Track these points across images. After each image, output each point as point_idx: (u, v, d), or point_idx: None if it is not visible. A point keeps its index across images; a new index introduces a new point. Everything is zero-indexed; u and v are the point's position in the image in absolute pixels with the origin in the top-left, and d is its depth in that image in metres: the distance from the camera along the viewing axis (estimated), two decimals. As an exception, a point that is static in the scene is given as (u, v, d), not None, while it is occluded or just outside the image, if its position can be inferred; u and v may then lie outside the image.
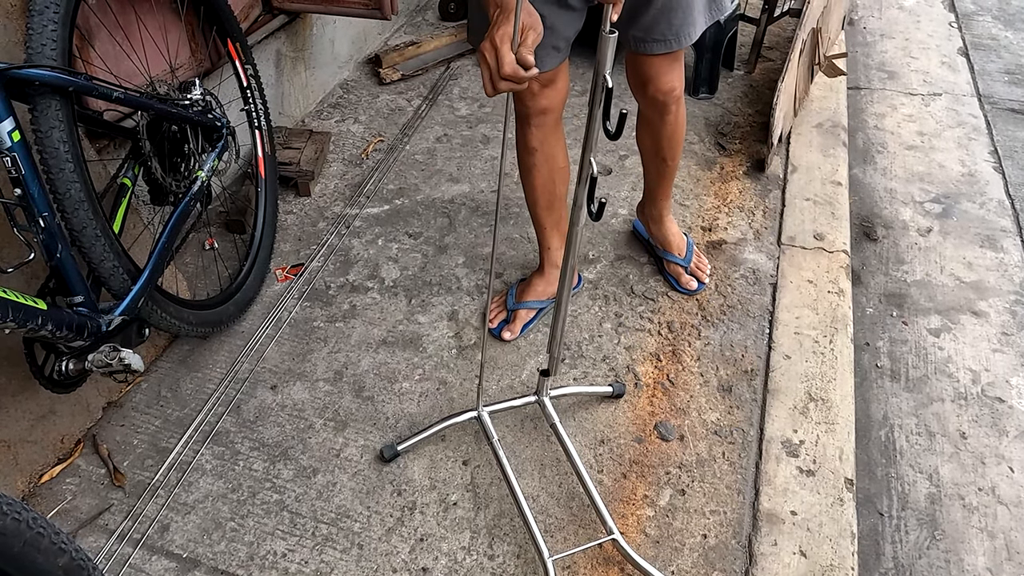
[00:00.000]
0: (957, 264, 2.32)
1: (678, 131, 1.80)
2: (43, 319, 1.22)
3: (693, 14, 1.54)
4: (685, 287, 2.00)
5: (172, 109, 1.61)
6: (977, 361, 2.01)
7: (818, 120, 2.71)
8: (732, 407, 1.73)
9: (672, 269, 2.02)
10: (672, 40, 1.55)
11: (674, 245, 2.02)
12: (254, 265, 1.96)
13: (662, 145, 1.82)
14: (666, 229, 2.02)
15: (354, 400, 1.73)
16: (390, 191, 2.35)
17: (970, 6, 3.95)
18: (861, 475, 1.74)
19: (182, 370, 1.78)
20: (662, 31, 1.54)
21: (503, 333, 1.86)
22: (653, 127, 1.79)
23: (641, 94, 1.72)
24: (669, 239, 2.02)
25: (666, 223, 2.02)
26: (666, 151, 1.83)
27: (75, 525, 1.47)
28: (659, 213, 2.01)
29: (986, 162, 2.76)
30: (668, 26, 1.53)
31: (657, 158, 1.87)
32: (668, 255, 2.03)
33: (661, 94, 1.67)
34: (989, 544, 1.62)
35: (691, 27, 1.55)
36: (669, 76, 1.65)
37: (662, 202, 1.99)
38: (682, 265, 2.00)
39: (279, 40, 2.44)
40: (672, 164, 1.88)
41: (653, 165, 1.90)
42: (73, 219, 1.32)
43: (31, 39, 1.30)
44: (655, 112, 1.74)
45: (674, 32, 1.54)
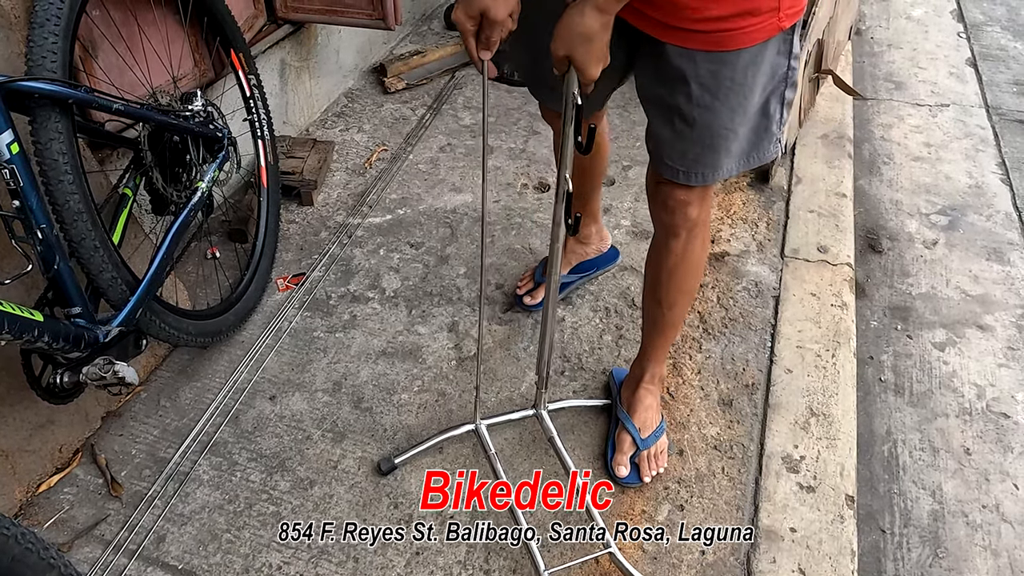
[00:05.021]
0: (963, 277, 2.30)
1: (685, 270, 1.44)
2: (39, 331, 1.22)
3: (720, 154, 1.24)
4: (613, 467, 1.56)
5: (173, 120, 1.62)
6: (982, 376, 1.99)
7: (823, 131, 2.70)
8: (732, 421, 1.72)
9: (619, 438, 1.59)
10: (693, 175, 1.28)
11: (638, 415, 1.59)
12: (255, 275, 1.96)
13: (661, 280, 1.47)
14: (638, 397, 1.60)
15: (353, 411, 1.72)
16: (393, 201, 2.36)
17: (979, 16, 3.93)
18: (863, 491, 1.72)
19: (181, 379, 1.79)
20: (681, 161, 1.27)
21: (525, 299, 1.93)
22: (658, 250, 1.45)
23: (654, 202, 1.41)
24: (636, 408, 1.60)
25: (642, 391, 1.60)
26: (664, 290, 1.48)
27: (71, 535, 1.47)
28: (640, 374, 1.61)
29: (993, 174, 2.74)
30: (682, 157, 1.27)
31: (654, 299, 1.51)
32: (627, 420, 1.59)
33: (672, 201, 1.34)
34: (993, 563, 1.60)
35: (713, 170, 1.27)
36: (690, 202, 1.33)
37: (648, 363, 1.60)
38: (637, 442, 1.57)
39: (284, 50, 2.45)
40: (669, 316, 1.51)
41: (649, 308, 1.56)
42: (72, 230, 1.33)
43: (32, 51, 1.31)
44: (662, 230, 1.42)
45: (689, 165, 1.27)
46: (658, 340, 1.57)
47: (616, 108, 2.79)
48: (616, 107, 2.79)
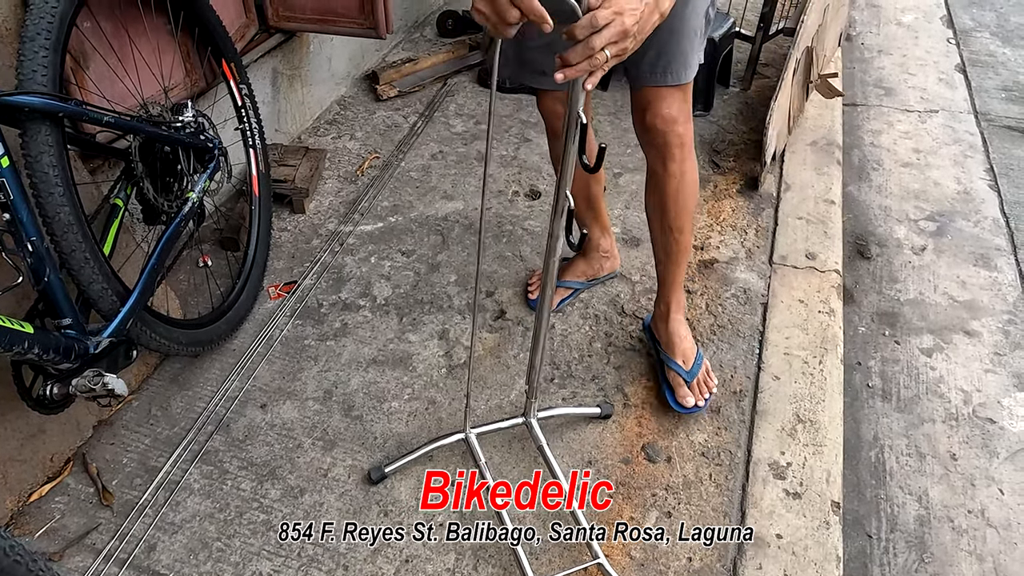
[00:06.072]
0: (951, 283, 2.32)
1: (684, 190, 1.59)
2: (29, 343, 1.23)
3: (687, 51, 1.45)
4: (680, 402, 1.71)
5: (163, 131, 1.63)
6: (969, 381, 2.01)
7: (813, 138, 2.72)
8: (720, 428, 1.73)
9: (671, 378, 1.75)
10: (670, 75, 1.45)
11: (678, 350, 1.75)
12: (246, 283, 1.97)
13: (667, 207, 1.62)
14: (672, 330, 1.77)
15: (343, 419, 1.73)
16: (384, 208, 2.37)
17: (968, 22, 3.96)
18: (850, 496, 1.74)
19: (173, 388, 1.80)
20: (658, 64, 1.45)
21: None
22: (657, 182, 1.60)
23: (642, 129, 1.55)
24: (673, 342, 1.76)
25: (673, 322, 1.77)
26: (671, 216, 1.62)
27: (63, 544, 1.48)
28: (665, 307, 1.78)
29: (982, 180, 2.76)
30: (657, 59, 1.45)
31: (664, 229, 1.66)
32: (670, 360, 1.75)
33: (660, 121, 1.50)
34: (978, 567, 1.61)
35: (684, 67, 1.46)
36: (668, 102, 1.49)
37: (670, 293, 1.76)
38: (683, 377, 1.73)
39: (275, 59, 2.46)
40: (681, 240, 1.66)
41: (660, 241, 1.70)
42: (62, 242, 1.34)
43: (22, 65, 1.32)
44: (657, 157, 1.57)
45: (662, 66, 1.45)
46: (675, 268, 1.72)
47: (608, 115, 2.80)
48: (608, 114, 2.81)
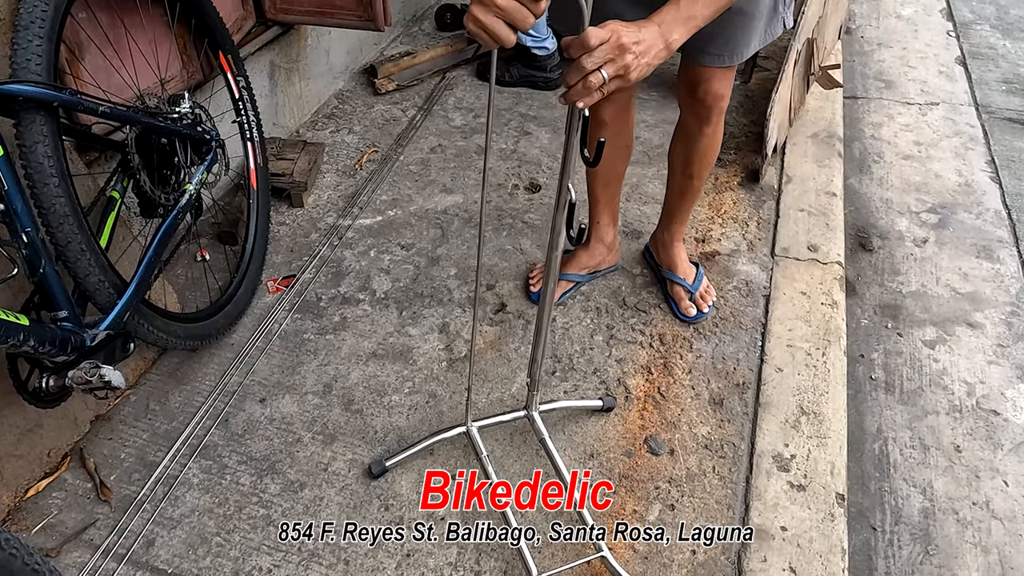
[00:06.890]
0: (953, 275, 2.31)
1: (712, 147, 1.79)
2: (25, 335, 1.21)
3: (750, 35, 1.54)
4: (684, 312, 1.95)
5: (160, 123, 1.61)
6: (972, 373, 2.00)
7: (814, 130, 2.70)
8: (723, 421, 1.72)
9: (675, 291, 1.99)
10: (726, 56, 1.56)
11: (680, 268, 2.00)
12: (245, 277, 1.96)
13: (693, 159, 1.80)
14: (674, 252, 2.00)
15: (343, 413, 1.72)
16: (383, 202, 2.35)
17: (968, 15, 3.95)
18: (854, 489, 1.72)
19: (171, 383, 1.78)
20: (718, 47, 1.54)
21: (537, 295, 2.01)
22: (690, 137, 1.77)
23: (690, 97, 1.69)
24: (676, 263, 2.00)
25: (676, 248, 2.00)
26: (695, 166, 1.82)
27: (60, 540, 1.47)
28: (671, 237, 1.99)
29: (983, 172, 2.75)
30: (724, 44, 1.54)
31: (684, 174, 1.84)
32: (673, 276, 2.00)
33: (710, 97, 1.65)
34: (983, 559, 1.60)
35: (746, 47, 1.56)
36: (722, 83, 1.63)
37: (677, 226, 1.97)
38: (687, 289, 1.97)
39: (273, 51, 2.44)
40: (697, 184, 1.86)
41: (678, 182, 1.88)
42: (58, 233, 1.32)
43: (16, 54, 1.30)
44: (696, 120, 1.72)
45: (729, 49, 1.55)
46: (685, 204, 1.92)
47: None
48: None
